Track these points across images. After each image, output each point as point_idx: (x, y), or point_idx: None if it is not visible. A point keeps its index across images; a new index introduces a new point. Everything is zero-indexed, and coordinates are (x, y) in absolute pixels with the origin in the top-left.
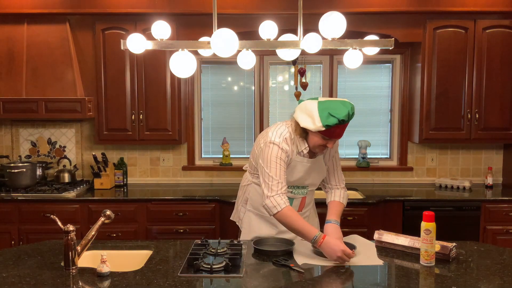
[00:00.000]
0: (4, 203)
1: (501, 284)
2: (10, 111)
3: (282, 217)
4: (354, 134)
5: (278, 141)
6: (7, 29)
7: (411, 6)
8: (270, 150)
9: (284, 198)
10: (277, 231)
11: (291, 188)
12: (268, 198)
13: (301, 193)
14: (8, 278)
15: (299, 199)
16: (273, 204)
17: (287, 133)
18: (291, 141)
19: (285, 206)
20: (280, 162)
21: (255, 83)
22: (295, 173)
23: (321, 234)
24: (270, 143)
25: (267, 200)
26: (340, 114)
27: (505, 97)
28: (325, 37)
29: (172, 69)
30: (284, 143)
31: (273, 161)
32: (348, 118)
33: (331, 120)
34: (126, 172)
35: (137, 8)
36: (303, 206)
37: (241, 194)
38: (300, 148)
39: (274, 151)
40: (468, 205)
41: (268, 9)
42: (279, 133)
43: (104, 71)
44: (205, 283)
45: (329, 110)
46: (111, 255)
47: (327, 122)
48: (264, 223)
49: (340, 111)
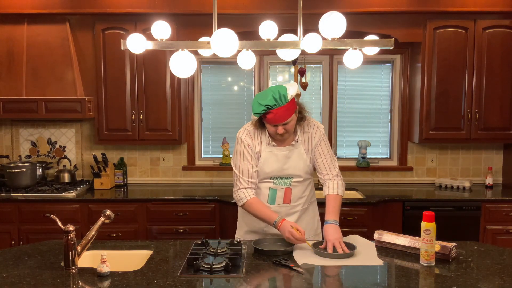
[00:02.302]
0: (4, 203)
1: (501, 284)
2: (10, 111)
3: (247, 208)
4: (354, 134)
5: (241, 136)
6: (7, 29)
7: (411, 6)
8: (236, 147)
9: (247, 192)
10: (265, 224)
11: (272, 178)
12: (234, 193)
13: (284, 184)
14: (8, 278)
15: (283, 190)
16: (237, 198)
17: (251, 127)
18: (257, 133)
19: (247, 199)
20: (243, 157)
21: (255, 83)
22: (270, 163)
23: (280, 218)
24: (237, 139)
25: (233, 195)
26: (264, 100)
27: (505, 97)
28: (325, 37)
29: (172, 69)
30: (247, 137)
31: (237, 158)
32: (275, 102)
33: (259, 108)
34: (126, 172)
35: (137, 8)
36: (289, 198)
37: None
38: (266, 139)
39: (238, 148)
40: (468, 205)
41: (268, 9)
42: (244, 128)
43: (104, 71)
44: (205, 283)
45: (257, 99)
46: (111, 255)
47: (256, 111)
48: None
49: (264, 97)
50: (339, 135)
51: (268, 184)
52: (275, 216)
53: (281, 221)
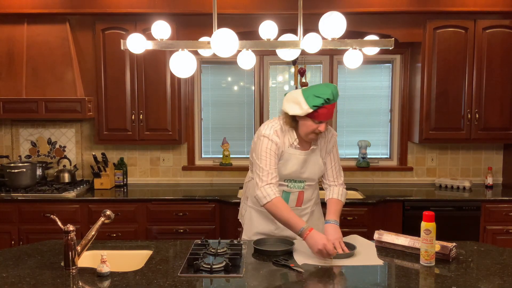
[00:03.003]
0: (4, 203)
1: (501, 284)
2: (10, 111)
3: (272, 207)
4: (354, 134)
5: (268, 133)
6: (7, 29)
7: (411, 6)
8: (261, 142)
9: (275, 189)
10: (275, 227)
11: (287, 181)
12: (259, 189)
13: (298, 187)
14: (8, 278)
15: (296, 193)
16: (263, 194)
17: (278, 126)
18: (282, 134)
19: (274, 197)
20: (270, 153)
21: (255, 83)
22: (289, 166)
23: (308, 227)
24: (261, 136)
25: (258, 191)
26: (324, 94)
27: (505, 97)
28: (325, 37)
29: (172, 69)
30: (275, 135)
31: (263, 153)
32: (333, 97)
33: (317, 101)
34: (126, 172)
35: (137, 8)
36: (301, 201)
37: (244, 192)
38: (291, 139)
39: (264, 143)
40: (468, 205)
41: (268, 9)
42: (270, 126)
43: (104, 71)
44: (205, 283)
45: (313, 93)
46: (111, 255)
47: (314, 103)
48: (264, 219)
49: (324, 91)
50: (339, 135)
51: (281, 187)
52: (302, 223)
53: (309, 230)
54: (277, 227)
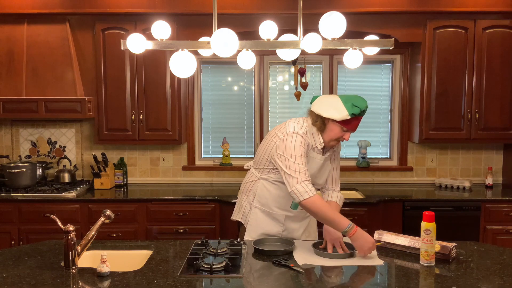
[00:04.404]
0: (4, 203)
1: (501, 284)
2: (10, 111)
3: (312, 204)
4: (354, 134)
5: (301, 132)
6: (7, 29)
7: (411, 6)
8: (294, 139)
9: (311, 185)
10: (283, 228)
11: None
12: (299, 184)
13: None
14: (8, 278)
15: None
16: (305, 189)
17: (306, 127)
18: (308, 135)
19: (314, 194)
20: (303, 151)
21: (255, 83)
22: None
23: (353, 225)
24: (294, 133)
25: (298, 185)
26: (362, 105)
27: (505, 97)
28: (325, 37)
29: (172, 69)
30: (305, 135)
31: (298, 150)
32: (366, 109)
33: (355, 110)
34: (126, 172)
35: (137, 8)
36: None
37: (245, 191)
38: (316, 143)
39: (298, 140)
40: (468, 205)
41: (268, 9)
42: (299, 125)
43: (104, 71)
44: (205, 283)
45: (352, 101)
46: (111, 255)
47: (353, 111)
48: (270, 221)
49: (361, 102)
50: None
51: None
52: (347, 221)
53: (356, 228)
54: (285, 229)
